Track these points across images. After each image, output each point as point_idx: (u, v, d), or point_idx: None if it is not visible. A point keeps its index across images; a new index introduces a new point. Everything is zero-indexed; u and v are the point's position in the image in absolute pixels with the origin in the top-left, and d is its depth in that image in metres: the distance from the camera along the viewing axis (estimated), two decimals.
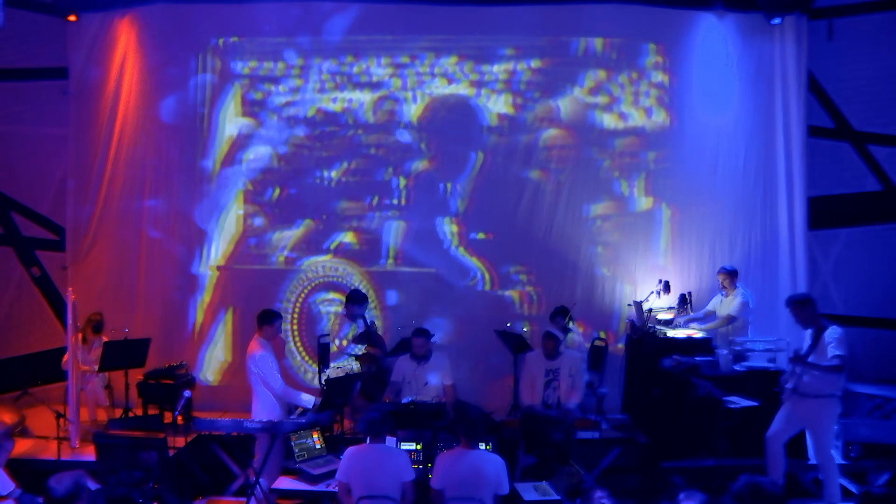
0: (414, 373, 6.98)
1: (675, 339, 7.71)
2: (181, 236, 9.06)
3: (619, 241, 8.98)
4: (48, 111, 9.11)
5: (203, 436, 6.60)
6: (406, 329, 7.96)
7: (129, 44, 8.96)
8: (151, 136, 9.02)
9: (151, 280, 9.05)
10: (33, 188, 9.30)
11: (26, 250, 9.35)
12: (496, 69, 9.00)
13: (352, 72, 9.04)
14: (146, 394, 7.83)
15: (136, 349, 7.89)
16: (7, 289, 9.28)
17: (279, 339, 7.32)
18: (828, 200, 9.04)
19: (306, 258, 9.13)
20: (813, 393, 6.17)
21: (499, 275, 9.06)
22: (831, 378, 6.11)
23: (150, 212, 9.04)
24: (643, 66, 8.99)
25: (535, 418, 6.67)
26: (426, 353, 7.00)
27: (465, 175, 9.03)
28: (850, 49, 8.85)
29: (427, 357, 7.01)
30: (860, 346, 8.69)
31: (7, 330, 9.14)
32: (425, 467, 5.65)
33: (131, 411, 7.85)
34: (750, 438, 6.70)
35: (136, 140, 9.02)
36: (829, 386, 6.14)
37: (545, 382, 6.89)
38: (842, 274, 9.09)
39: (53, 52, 9.05)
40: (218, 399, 8.51)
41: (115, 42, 8.95)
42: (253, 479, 5.81)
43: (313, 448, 5.93)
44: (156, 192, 9.05)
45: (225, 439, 6.73)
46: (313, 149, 9.10)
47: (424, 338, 7.02)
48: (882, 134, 9.00)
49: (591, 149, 9.01)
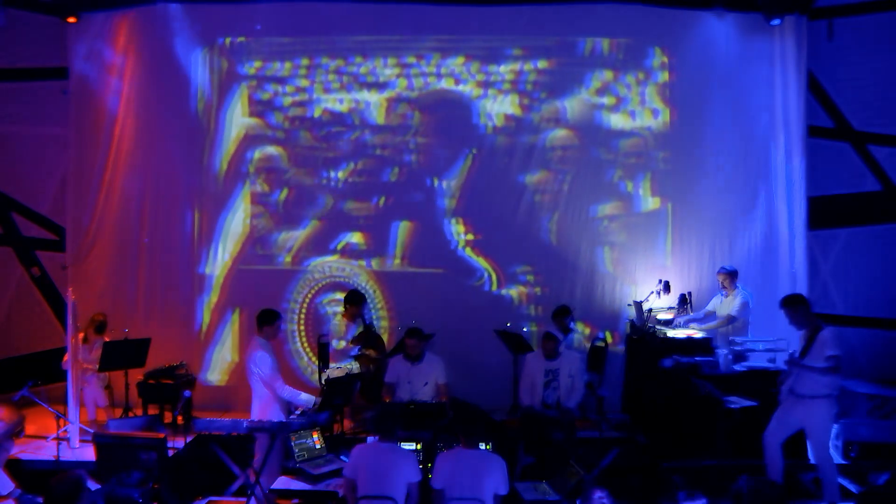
0: (408, 373, 6.97)
1: (675, 339, 7.72)
2: (183, 237, 9.07)
3: (625, 242, 9.00)
4: (48, 111, 9.12)
5: (203, 436, 6.59)
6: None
7: (130, 44, 8.96)
8: (152, 137, 9.03)
9: (152, 280, 9.06)
10: (33, 188, 9.30)
11: (26, 250, 9.35)
12: (503, 69, 9.01)
13: (358, 72, 9.05)
14: (146, 394, 7.84)
15: (136, 349, 7.89)
16: (7, 289, 9.28)
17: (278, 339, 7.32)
18: (828, 200, 9.04)
19: (313, 258, 9.14)
20: (809, 393, 6.17)
21: (505, 275, 9.07)
22: (827, 378, 6.12)
23: (151, 212, 9.05)
24: (650, 66, 9.00)
25: (535, 418, 6.67)
26: (419, 353, 6.99)
27: (472, 175, 9.05)
28: (850, 49, 8.85)
29: (420, 357, 7.00)
30: (860, 346, 8.72)
31: (7, 330, 9.13)
32: (425, 467, 5.65)
33: (131, 411, 7.85)
34: (750, 438, 6.69)
35: (137, 140, 9.02)
36: (824, 386, 6.14)
37: (545, 383, 6.89)
38: (842, 274, 9.08)
39: (53, 52, 9.05)
40: (222, 399, 8.51)
41: (115, 42, 8.96)
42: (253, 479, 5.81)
43: (313, 448, 5.92)
44: (156, 192, 9.06)
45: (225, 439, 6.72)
46: (320, 149, 9.11)
47: (417, 338, 7.02)
48: (882, 134, 8.99)
49: (597, 149, 9.02)
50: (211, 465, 6.59)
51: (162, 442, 5.34)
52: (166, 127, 9.03)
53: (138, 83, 8.98)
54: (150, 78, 8.98)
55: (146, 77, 8.99)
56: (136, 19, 8.94)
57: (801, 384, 6.21)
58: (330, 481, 5.57)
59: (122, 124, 9.00)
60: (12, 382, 8.11)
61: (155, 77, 8.99)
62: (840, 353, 6.07)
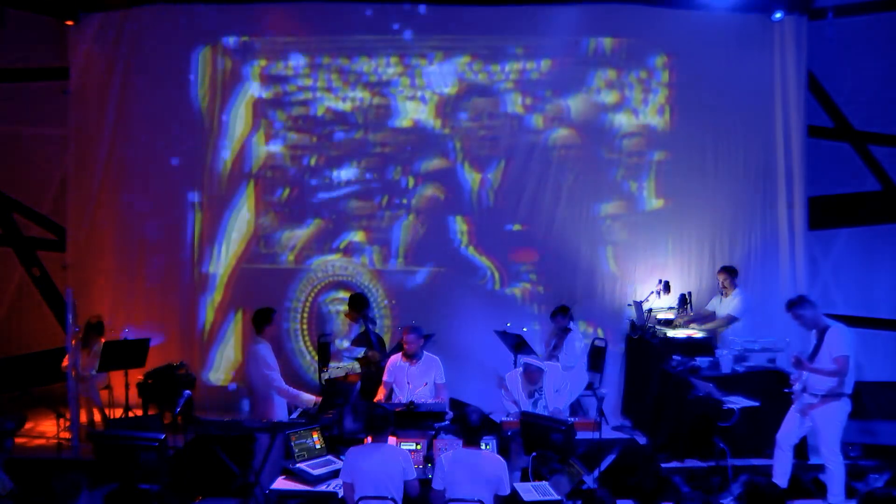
0: (406, 372, 6.93)
1: (675, 339, 7.72)
2: (184, 236, 9.07)
3: (627, 241, 9.00)
4: (48, 111, 9.11)
5: (203, 436, 6.60)
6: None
7: (130, 43, 8.94)
8: (153, 137, 9.02)
9: (152, 280, 9.05)
10: (33, 188, 9.30)
11: (26, 250, 9.35)
12: (507, 69, 9.01)
13: (362, 71, 9.05)
14: (146, 394, 7.84)
15: (136, 349, 7.89)
16: (7, 289, 9.28)
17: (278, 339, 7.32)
18: (828, 200, 9.04)
19: (316, 257, 9.15)
20: (821, 393, 6.15)
21: (508, 274, 9.08)
22: (837, 378, 6.10)
23: (152, 212, 9.05)
24: (652, 65, 9.00)
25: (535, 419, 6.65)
26: (417, 351, 6.95)
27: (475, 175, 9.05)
28: (850, 49, 8.85)
29: (419, 356, 6.95)
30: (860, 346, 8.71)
31: (7, 330, 9.14)
32: (425, 467, 5.64)
33: (131, 411, 7.86)
34: (750, 438, 6.70)
35: (137, 140, 9.01)
36: (836, 385, 6.12)
37: (532, 403, 6.80)
38: (842, 274, 9.08)
39: (53, 52, 9.05)
40: (225, 399, 8.51)
41: (115, 42, 8.94)
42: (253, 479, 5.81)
43: (313, 448, 5.92)
44: (157, 192, 9.06)
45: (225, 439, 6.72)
46: (323, 148, 9.12)
47: (416, 334, 6.96)
48: (882, 134, 9.00)
49: (600, 148, 9.03)
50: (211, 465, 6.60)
51: (162, 442, 5.34)
52: (167, 127, 9.02)
53: (139, 83, 8.97)
54: (151, 78, 8.97)
55: (147, 77, 8.97)
56: (137, 19, 8.92)
57: (814, 384, 6.20)
58: (330, 481, 5.57)
59: (123, 124, 8.99)
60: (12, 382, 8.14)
61: (156, 77, 8.97)
62: (848, 353, 6.05)
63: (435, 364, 6.97)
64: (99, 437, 5.60)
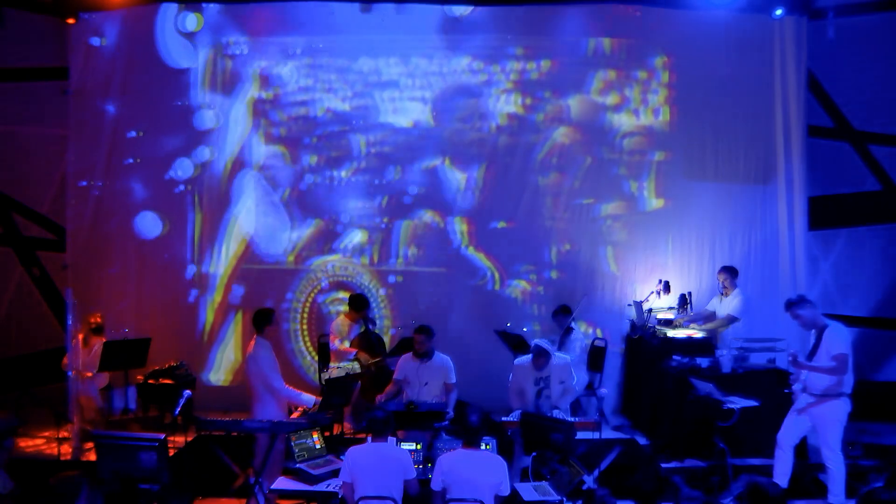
0: (416, 371, 6.95)
1: (675, 339, 7.72)
2: (184, 236, 9.07)
3: (627, 241, 9.00)
4: (48, 111, 9.11)
5: (203, 436, 6.59)
6: (407, 329, 7.97)
7: (130, 43, 8.94)
8: (153, 136, 9.02)
9: (152, 280, 9.05)
10: (33, 188, 9.30)
11: (26, 250, 9.35)
12: (507, 69, 9.01)
13: (362, 71, 9.05)
14: (146, 394, 7.83)
15: (136, 349, 7.89)
16: (7, 289, 9.28)
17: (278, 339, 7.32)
18: (828, 200, 9.05)
19: (316, 258, 9.14)
20: (821, 392, 6.15)
21: (507, 274, 9.07)
22: (837, 377, 6.10)
23: (152, 212, 9.05)
24: (652, 66, 9.00)
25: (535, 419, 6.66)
26: (428, 350, 6.97)
27: (475, 175, 9.06)
28: (850, 49, 8.85)
29: (429, 355, 6.97)
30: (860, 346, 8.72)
31: (7, 330, 9.14)
32: (425, 467, 5.64)
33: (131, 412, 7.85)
34: (750, 438, 6.70)
35: (137, 140, 9.02)
36: (836, 385, 6.11)
37: (537, 392, 6.82)
38: (842, 274, 9.09)
39: (53, 52, 9.05)
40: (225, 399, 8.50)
41: (115, 42, 8.94)
42: (253, 479, 5.81)
43: (313, 448, 5.92)
44: (157, 192, 9.06)
45: (225, 439, 6.73)
46: (322, 148, 9.12)
47: (425, 335, 6.98)
48: (882, 134, 9.00)
49: (600, 148, 9.03)
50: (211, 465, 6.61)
51: (162, 442, 5.34)
52: (167, 127, 9.02)
53: (139, 83, 8.97)
54: (151, 77, 8.97)
55: (147, 77, 8.97)
56: (138, 19, 8.93)
57: (813, 383, 6.20)
58: (330, 481, 5.57)
59: (122, 124, 8.99)
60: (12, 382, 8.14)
61: (156, 77, 8.97)
62: (847, 351, 6.05)
63: (446, 364, 6.98)
64: (99, 437, 5.59)
